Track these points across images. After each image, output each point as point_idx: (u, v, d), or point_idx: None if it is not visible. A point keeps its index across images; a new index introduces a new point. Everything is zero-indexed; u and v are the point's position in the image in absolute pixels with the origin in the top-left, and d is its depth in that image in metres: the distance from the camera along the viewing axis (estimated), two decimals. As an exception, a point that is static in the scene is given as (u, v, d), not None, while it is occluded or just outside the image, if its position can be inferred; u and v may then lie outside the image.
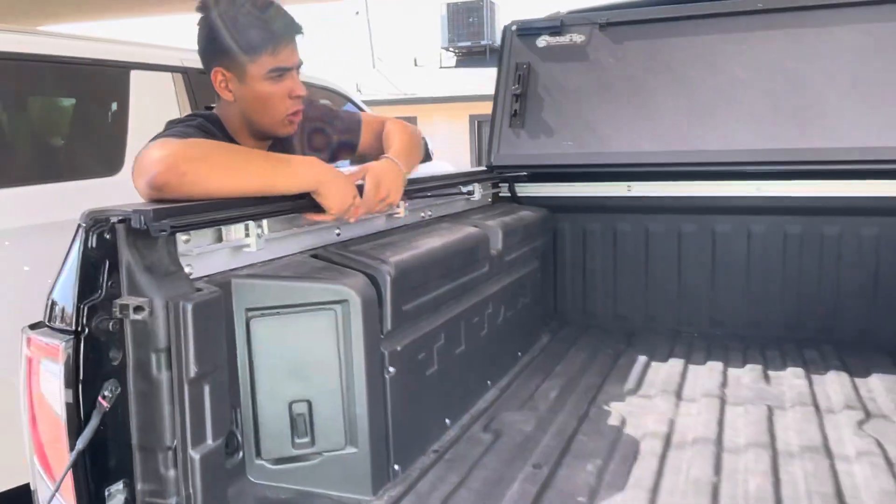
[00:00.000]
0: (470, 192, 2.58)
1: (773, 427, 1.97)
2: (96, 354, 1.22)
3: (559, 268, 3.00)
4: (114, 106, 3.13)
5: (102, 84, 3.07)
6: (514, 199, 2.94)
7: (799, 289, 2.72)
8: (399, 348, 1.68)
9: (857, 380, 2.30)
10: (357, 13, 17.34)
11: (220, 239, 1.48)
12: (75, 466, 1.20)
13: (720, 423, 1.99)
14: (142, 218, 1.23)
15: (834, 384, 2.26)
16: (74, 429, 1.19)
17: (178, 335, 1.27)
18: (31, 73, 2.85)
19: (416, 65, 18.59)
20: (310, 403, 1.54)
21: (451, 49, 17.24)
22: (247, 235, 1.50)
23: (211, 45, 1.67)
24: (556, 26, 2.85)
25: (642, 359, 2.55)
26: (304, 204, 1.60)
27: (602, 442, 1.89)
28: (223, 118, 1.79)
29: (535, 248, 2.73)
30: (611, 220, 2.93)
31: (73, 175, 2.86)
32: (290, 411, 1.53)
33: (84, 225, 1.22)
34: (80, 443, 1.18)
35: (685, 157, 2.70)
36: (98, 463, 1.24)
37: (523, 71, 2.86)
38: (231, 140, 1.77)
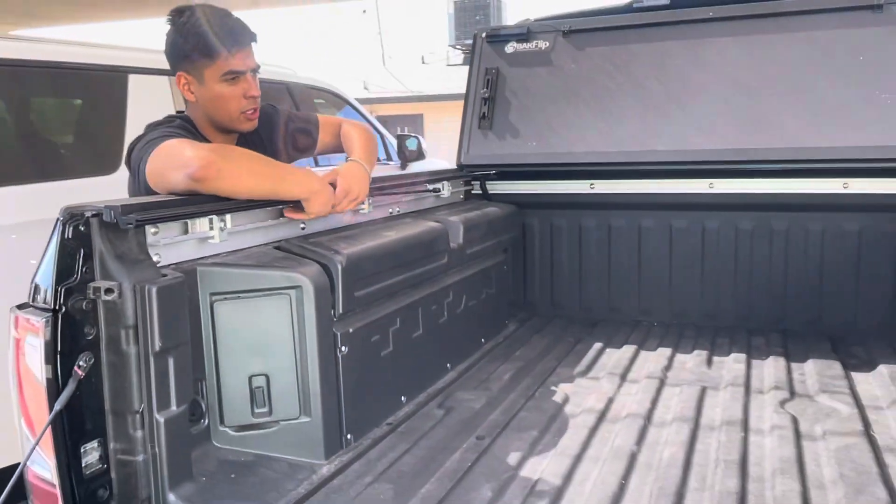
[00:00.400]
0: (436, 190, 2.77)
1: (701, 405, 2.14)
2: (72, 330, 1.42)
3: (528, 260, 3.18)
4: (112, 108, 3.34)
5: (103, 87, 3.30)
6: (486, 196, 3.12)
7: (750, 280, 2.89)
8: (351, 330, 1.87)
9: (793, 364, 2.46)
10: (364, 11, 17.55)
11: (186, 231, 1.68)
12: (54, 426, 1.40)
13: (654, 402, 2.17)
14: (112, 213, 1.43)
15: (770, 368, 2.43)
16: (54, 393, 1.40)
17: (143, 314, 1.47)
18: (37, 78, 3.09)
19: (423, 62, 18.79)
20: (268, 377, 1.74)
21: (458, 47, 17.39)
22: (211, 228, 1.70)
23: (175, 51, 1.94)
24: (523, 34, 3.03)
25: (598, 345, 2.73)
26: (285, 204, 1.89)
27: (542, 417, 2.07)
28: (192, 118, 2.04)
29: (501, 242, 2.91)
30: (576, 216, 3.11)
31: (73, 174, 3.09)
32: (250, 384, 1.73)
33: (62, 218, 1.42)
34: (58, 405, 1.38)
35: (643, 156, 2.87)
36: (75, 425, 1.44)
37: (492, 76, 3.04)
38: (203, 137, 2.01)
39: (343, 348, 1.83)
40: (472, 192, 3.14)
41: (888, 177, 2.59)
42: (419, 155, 5.96)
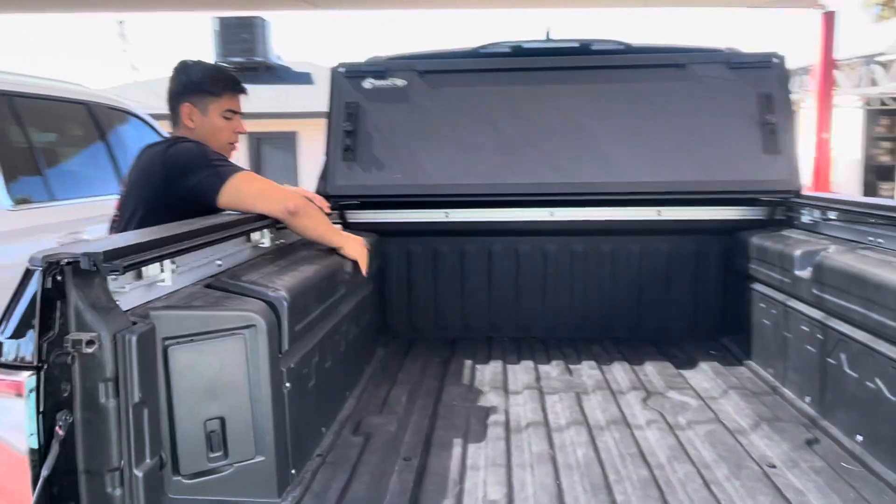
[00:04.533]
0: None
1: (583, 408, 2.46)
2: (53, 387, 1.32)
3: (387, 286, 3.32)
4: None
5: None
6: (345, 226, 3.21)
7: (584, 296, 3.31)
8: (292, 365, 1.89)
9: (636, 367, 2.89)
10: (121, 22, 16.31)
11: (140, 276, 1.60)
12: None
13: (543, 409, 2.44)
14: (90, 259, 1.35)
15: (619, 371, 2.83)
16: (38, 461, 1.28)
17: (123, 365, 1.40)
18: None
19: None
20: (223, 420, 1.70)
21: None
22: (162, 271, 1.64)
23: (186, 85, 2.37)
24: (381, 71, 3.19)
25: (468, 362, 2.96)
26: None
27: (455, 433, 2.24)
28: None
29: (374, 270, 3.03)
30: (431, 243, 3.32)
31: None
32: (205, 428, 1.69)
33: (41, 267, 1.32)
34: (45, 471, 1.28)
35: (493, 188, 3.17)
36: (46, 491, 1.33)
37: (353, 109, 3.15)
38: None
39: (287, 384, 1.85)
40: (333, 221, 3.21)
41: (692, 206, 3.15)
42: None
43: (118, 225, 2.29)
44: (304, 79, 17.56)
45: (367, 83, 3.21)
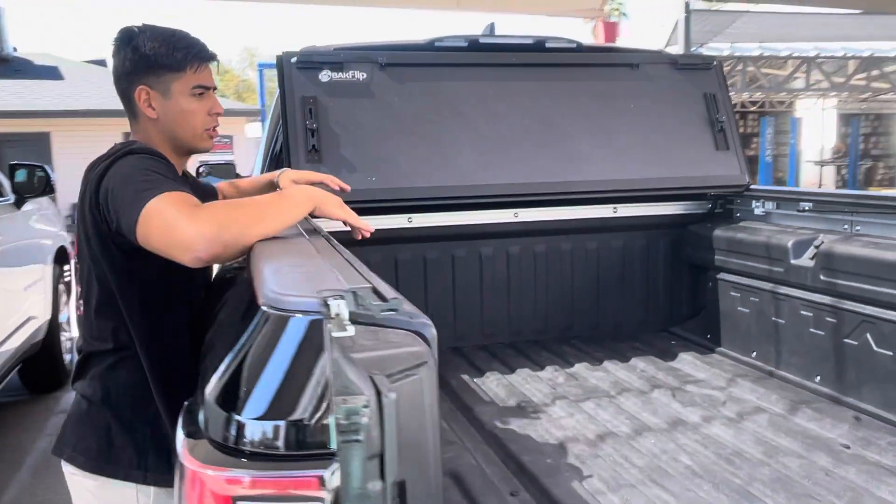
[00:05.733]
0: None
1: (627, 411, 2.41)
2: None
3: None
4: None
5: None
6: (302, 237, 2.83)
7: (546, 296, 3.26)
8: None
9: (629, 364, 2.90)
10: None
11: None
12: None
13: (591, 419, 2.35)
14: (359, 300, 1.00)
15: (620, 372, 2.82)
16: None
17: (382, 434, 1.06)
18: None
19: None
20: (402, 487, 1.38)
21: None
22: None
23: (136, 65, 1.76)
24: (339, 62, 2.85)
25: (464, 375, 2.77)
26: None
27: (541, 456, 2.06)
28: (146, 141, 1.80)
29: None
30: (392, 251, 3.04)
31: None
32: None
33: (305, 311, 0.95)
34: None
35: (456, 190, 2.98)
36: None
37: (312, 105, 2.78)
38: None
39: None
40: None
41: (647, 202, 3.24)
42: (45, 189, 4.89)
43: (81, 286, 1.75)
44: (51, 73, 15.45)
45: (324, 76, 2.85)
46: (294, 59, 2.82)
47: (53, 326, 5.09)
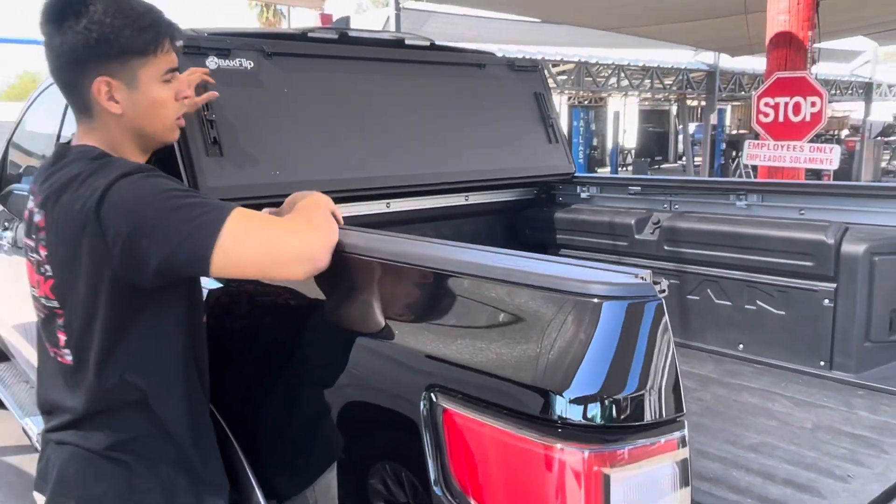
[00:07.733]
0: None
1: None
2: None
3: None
4: None
5: None
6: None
7: None
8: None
9: None
10: None
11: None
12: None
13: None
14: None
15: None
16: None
17: None
18: None
19: None
20: None
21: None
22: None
23: (91, 50, 1.45)
24: (226, 49, 2.67)
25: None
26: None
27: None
28: (101, 142, 1.52)
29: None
30: None
31: None
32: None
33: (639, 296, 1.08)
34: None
35: (337, 184, 3.00)
36: None
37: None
38: None
39: None
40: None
41: (494, 190, 3.58)
42: None
43: (70, 334, 1.49)
44: None
45: (212, 62, 2.65)
46: (179, 43, 2.57)
47: None
